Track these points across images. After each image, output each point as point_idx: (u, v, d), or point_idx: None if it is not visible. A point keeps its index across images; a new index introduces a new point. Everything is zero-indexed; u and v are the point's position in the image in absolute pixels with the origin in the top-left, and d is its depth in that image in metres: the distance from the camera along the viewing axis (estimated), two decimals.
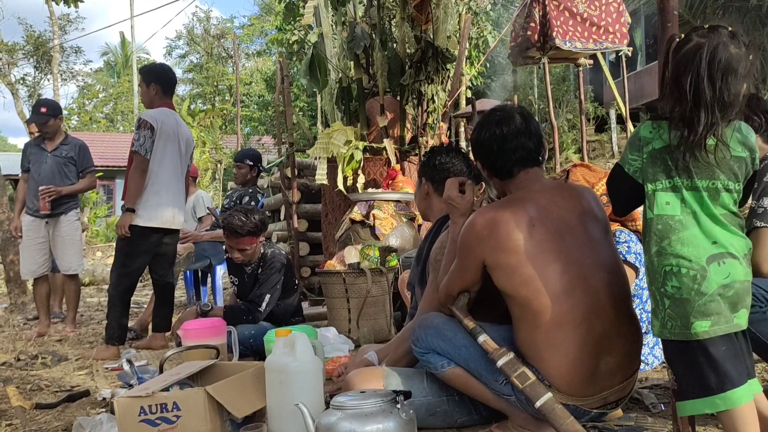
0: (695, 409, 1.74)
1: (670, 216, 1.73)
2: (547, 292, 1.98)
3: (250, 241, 3.81)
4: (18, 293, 6.77)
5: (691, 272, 1.69)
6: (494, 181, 2.25)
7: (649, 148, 1.76)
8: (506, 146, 2.14)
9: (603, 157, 14.90)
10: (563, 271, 2.00)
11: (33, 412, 2.87)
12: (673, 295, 1.72)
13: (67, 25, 28.31)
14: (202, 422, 2.12)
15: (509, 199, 2.17)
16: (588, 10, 5.87)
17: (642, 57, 17.15)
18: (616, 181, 1.90)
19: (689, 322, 1.69)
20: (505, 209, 2.07)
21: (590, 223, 2.12)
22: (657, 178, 1.75)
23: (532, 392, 1.95)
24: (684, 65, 1.71)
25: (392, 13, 6.24)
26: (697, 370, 1.70)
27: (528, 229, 2.01)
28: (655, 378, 2.90)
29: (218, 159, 19.68)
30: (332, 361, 3.13)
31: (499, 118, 2.18)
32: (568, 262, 2.01)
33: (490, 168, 2.21)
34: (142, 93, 4.51)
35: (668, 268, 1.72)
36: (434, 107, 5.52)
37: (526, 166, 2.16)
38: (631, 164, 1.80)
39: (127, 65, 31.32)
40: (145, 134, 4.17)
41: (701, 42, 1.70)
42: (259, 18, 28.40)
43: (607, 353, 2.02)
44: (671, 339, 1.75)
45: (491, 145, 2.16)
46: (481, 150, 2.21)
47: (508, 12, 15.53)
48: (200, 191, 6.49)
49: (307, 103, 17.68)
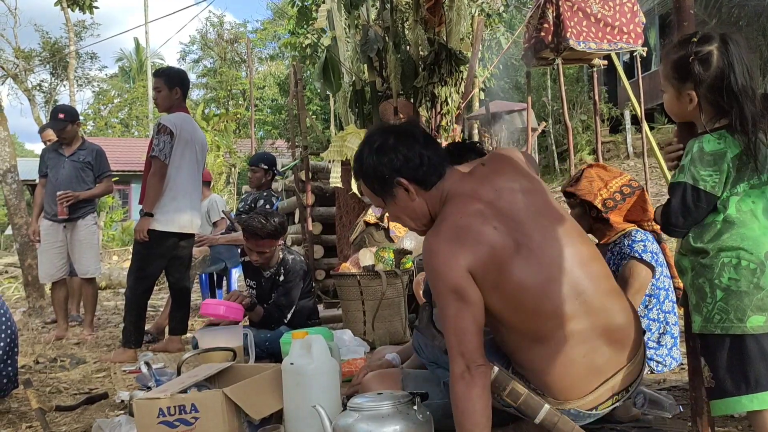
0: (740, 406, 1.71)
1: (731, 215, 1.73)
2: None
3: (269, 243, 3.81)
4: (36, 297, 6.83)
5: (752, 265, 1.69)
6: (423, 197, 2.02)
7: (727, 158, 1.73)
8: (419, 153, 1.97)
9: (618, 158, 14.82)
10: (533, 273, 1.83)
11: (53, 415, 2.90)
12: (730, 287, 1.70)
13: (82, 32, 28.62)
14: (220, 424, 2.13)
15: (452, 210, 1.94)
16: (602, 11, 5.83)
17: (657, 57, 17.03)
18: (689, 201, 1.76)
19: (745, 316, 1.67)
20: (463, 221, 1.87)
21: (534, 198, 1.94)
22: (736, 183, 1.74)
23: (527, 408, 1.85)
24: (720, 76, 1.72)
25: (405, 15, 6.25)
26: (745, 366, 1.68)
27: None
28: (674, 380, 2.88)
29: (232, 163, 19.79)
30: (348, 364, 3.13)
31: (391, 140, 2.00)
32: (535, 261, 1.84)
33: (419, 181, 1.99)
34: (163, 96, 4.41)
35: (727, 259, 1.71)
36: (448, 109, 5.52)
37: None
38: (706, 180, 1.73)
39: (141, 71, 31.56)
40: (164, 139, 4.19)
41: (724, 49, 1.73)
42: (272, 22, 28.55)
43: (606, 341, 1.88)
44: (717, 333, 1.72)
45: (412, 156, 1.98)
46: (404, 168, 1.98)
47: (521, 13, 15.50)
48: (214, 195, 6.53)
49: (320, 106, 17.74)
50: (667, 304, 2.98)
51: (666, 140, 12.17)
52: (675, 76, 1.79)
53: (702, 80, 1.73)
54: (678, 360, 2.99)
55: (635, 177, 3.77)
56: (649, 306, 2.95)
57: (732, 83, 1.71)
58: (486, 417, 1.75)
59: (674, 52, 1.80)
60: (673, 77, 1.79)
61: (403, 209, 2.02)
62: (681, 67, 1.77)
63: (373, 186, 2.03)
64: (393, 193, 1.99)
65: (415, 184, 1.97)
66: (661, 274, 2.95)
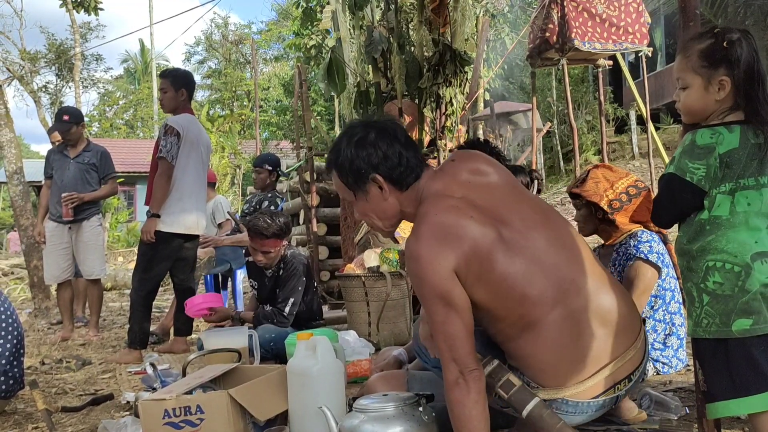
0: (728, 410, 1.70)
1: (722, 216, 1.71)
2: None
3: (274, 243, 3.82)
4: (42, 298, 6.85)
5: (736, 268, 1.67)
6: (397, 197, 1.98)
7: (715, 153, 1.72)
8: (396, 152, 1.94)
9: (623, 159, 14.78)
10: (515, 260, 1.82)
11: (59, 416, 2.91)
12: (715, 291, 1.69)
13: (88, 33, 28.70)
14: (225, 425, 2.13)
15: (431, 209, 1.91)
16: (607, 11, 5.82)
17: (662, 57, 17.00)
18: (675, 192, 1.78)
19: (730, 320, 1.66)
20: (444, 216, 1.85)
21: (505, 188, 1.95)
22: (724, 181, 1.72)
23: (517, 402, 1.81)
24: (751, 62, 1.72)
25: (410, 16, 6.26)
26: (732, 370, 1.67)
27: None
28: (680, 381, 2.87)
29: (237, 164, 19.81)
30: (353, 365, 3.13)
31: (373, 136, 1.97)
32: (516, 247, 1.82)
33: (395, 180, 1.95)
34: (168, 97, 4.39)
35: (711, 263, 1.70)
36: (452, 110, 5.50)
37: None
38: (693, 173, 1.73)
39: (146, 72, 31.66)
40: (171, 140, 4.19)
41: (748, 38, 1.74)
42: (277, 23, 28.60)
43: (597, 324, 1.84)
44: (706, 338, 1.72)
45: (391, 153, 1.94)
46: (381, 165, 1.95)
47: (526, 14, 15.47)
48: (219, 196, 6.54)
49: (324, 107, 17.76)
50: (673, 305, 2.97)
51: (671, 141, 12.14)
52: (705, 65, 1.75)
53: (738, 62, 1.72)
54: (684, 361, 2.98)
55: (641, 177, 3.76)
56: (655, 307, 2.94)
57: (757, 72, 1.72)
58: (484, 422, 1.74)
59: (700, 42, 1.77)
60: (702, 66, 1.75)
61: (373, 207, 1.98)
62: (712, 54, 1.74)
63: (346, 179, 1.98)
64: (366, 189, 1.95)
65: (389, 183, 1.94)
66: (667, 275, 2.94)
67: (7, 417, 3.00)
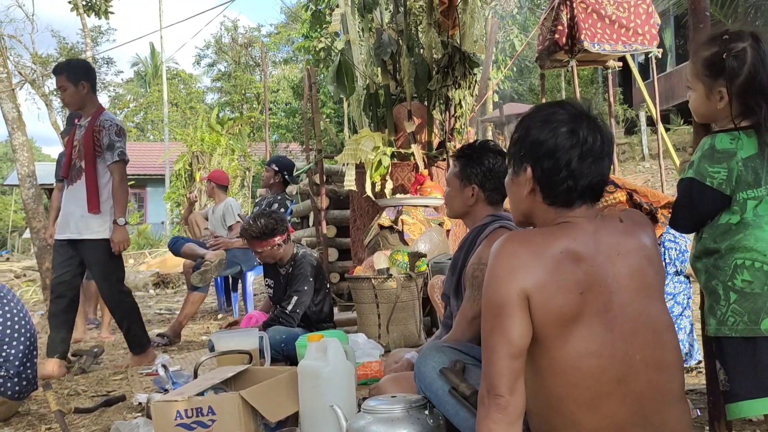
0: (753, 410, 1.69)
1: (751, 219, 1.71)
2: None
3: (259, 244, 3.89)
4: None
5: (765, 267, 1.67)
6: (535, 202, 1.60)
7: (737, 157, 1.71)
8: (582, 167, 1.53)
9: (633, 160, 14.72)
10: (602, 367, 1.46)
11: (71, 417, 2.93)
12: (743, 289, 1.69)
13: (98, 37, 28.93)
14: (236, 426, 2.14)
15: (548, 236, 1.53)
16: (617, 12, 5.82)
17: (672, 58, 16.94)
18: (694, 196, 1.76)
19: (759, 318, 1.66)
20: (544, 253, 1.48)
21: (646, 291, 1.52)
22: (750, 185, 1.71)
23: None
24: (753, 73, 1.71)
25: (419, 18, 6.26)
26: (759, 369, 1.67)
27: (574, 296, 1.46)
28: (691, 383, 2.86)
29: (247, 166, 19.85)
30: (363, 367, 3.14)
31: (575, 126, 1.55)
32: (611, 355, 1.46)
33: (544, 186, 1.56)
34: (70, 94, 4.04)
35: (740, 260, 1.70)
36: (462, 112, 5.50)
37: (591, 199, 1.58)
38: (713, 177, 1.72)
39: (156, 75, 31.80)
40: (124, 141, 4.08)
41: (757, 46, 1.72)
42: (286, 26, 28.67)
43: None
44: (732, 336, 1.71)
45: (564, 158, 1.52)
46: (544, 159, 1.55)
47: (535, 15, 15.46)
48: (229, 199, 6.56)
49: (334, 109, 17.78)
50: (678, 308, 3.02)
51: (681, 142, 12.09)
52: (706, 74, 1.76)
53: (735, 77, 1.71)
54: (696, 359, 3.01)
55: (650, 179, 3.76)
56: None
57: (763, 81, 1.70)
58: None
59: (706, 49, 1.77)
60: (705, 74, 1.77)
61: (514, 192, 1.66)
62: (713, 64, 1.75)
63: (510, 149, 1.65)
64: (518, 172, 1.61)
65: (540, 189, 1.57)
66: (671, 280, 2.97)
67: (21, 418, 3.03)
